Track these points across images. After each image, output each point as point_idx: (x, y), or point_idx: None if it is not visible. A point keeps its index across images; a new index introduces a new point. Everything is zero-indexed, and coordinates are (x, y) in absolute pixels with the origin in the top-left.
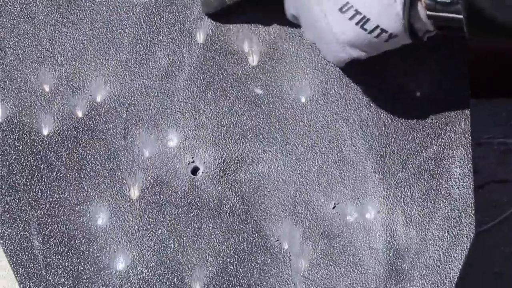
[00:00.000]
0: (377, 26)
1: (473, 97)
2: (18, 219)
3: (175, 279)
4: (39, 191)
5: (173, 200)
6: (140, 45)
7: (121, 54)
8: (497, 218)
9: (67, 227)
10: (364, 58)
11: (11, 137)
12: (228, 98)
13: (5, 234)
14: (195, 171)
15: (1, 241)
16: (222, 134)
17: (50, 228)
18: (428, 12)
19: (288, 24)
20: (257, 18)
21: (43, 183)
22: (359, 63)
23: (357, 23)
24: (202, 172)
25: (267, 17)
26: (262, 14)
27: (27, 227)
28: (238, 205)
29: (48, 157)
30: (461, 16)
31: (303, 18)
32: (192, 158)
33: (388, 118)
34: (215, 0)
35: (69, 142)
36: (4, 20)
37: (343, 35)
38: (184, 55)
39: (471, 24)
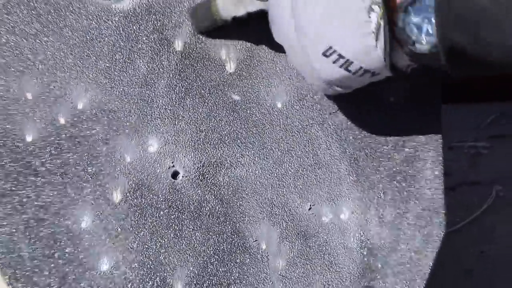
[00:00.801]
0: (361, 67)
1: (444, 102)
2: (5, 223)
3: (158, 279)
4: (25, 196)
5: (154, 203)
6: (120, 53)
7: (101, 62)
8: (467, 219)
9: (52, 230)
10: (351, 91)
11: None
12: (206, 104)
13: None
14: (175, 175)
15: None
16: (201, 139)
17: (36, 231)
18: (409, 58)
19: (265, 33)
20: (246, 35)
21: (28, 188)
22: None
23: (341, 66)
24: (182, 176)
25: (255, 34)
26: (251, 30)
27: (14, 231)
28: (217, 208)
29: (32, 163)
30: (440, 61)
31: (288, 52)
32: (172, 162)
33: (362, 122)
34: (207, 21)
35: (52, 148)
36: None
37: (328, 76)
38: (163, 62)
39: (453, 64)
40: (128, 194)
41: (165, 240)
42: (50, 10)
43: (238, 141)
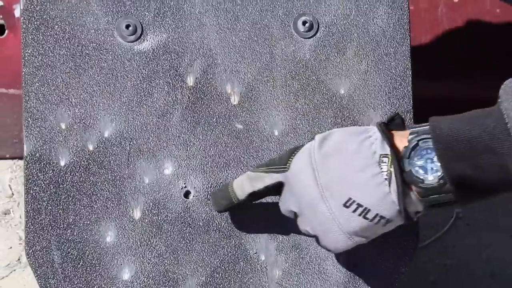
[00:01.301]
0: (377, 214)
1: None
2: (41, 238)
3: (172, 287)
4: (58, 214)
5: (169, 220)
6: (140, 88)
7: (124, 96)
8: (432, 237)
9: (81, 244)
10: (365, 242)
11: (34, 168)
12: (214, 132)
13: (30, 251)
14: (187, 194)
15: (27, 257)
16: (209, 163)
17: (67, 245)
18: (420, 198)
19: (264, 69)
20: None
21: (61, 207)
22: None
23: (359, 214)
24: (193, 196)
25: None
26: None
27: (48, 245)
28: (223, 224)
29: (65, 184)
30: (449, 194)
31: (307, 214)
32: (184, 183)
33: None
34: (224, 200)
35: (82, 171)
36: (28, 69)
37: (349, 226)
38: (177, 96)
39: (460, 194)
40: (146, 211)
41: (178, 252)
42: (82, 51)
43: (241, 164)
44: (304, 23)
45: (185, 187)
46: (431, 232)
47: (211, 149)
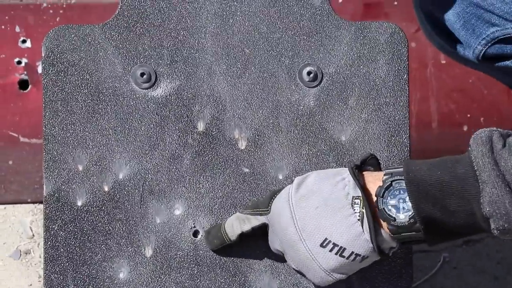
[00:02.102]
0: (352, 252)
1: None
2: (59, 273)
3: None
4: (74, 251)
5: (178, 258)
6: (153, 133)
7: (138, 140)
8: (422, 279)
9: (96, 280)
10: (345, 278)
11: (53, 207)
12: (222, 175)
13: (48, 286)
14: (195, 234)
15: None
16: (217, 205)
17: (83, 280)
18: (392, 235)
19: (270, 116)
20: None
21: (77, 244)
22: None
23: (336, 253)
24: (201, 235)
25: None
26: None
27: (65, 280)
28: (228, 262)
29: (82, 223)
30: (420, 232)
31: (289, 253)
32: (193, 223)
33: None
34: (217, 240)
35: (98, 211)
36: (48, 113)
37: (327, 264)
38: (188, 140)
39: (429, 234)
40: (157, 249)
41: None
42: (99, 97)
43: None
44: (308, 73)
45: (194, 227)
46: (420, 275)
47: (219, 191)
